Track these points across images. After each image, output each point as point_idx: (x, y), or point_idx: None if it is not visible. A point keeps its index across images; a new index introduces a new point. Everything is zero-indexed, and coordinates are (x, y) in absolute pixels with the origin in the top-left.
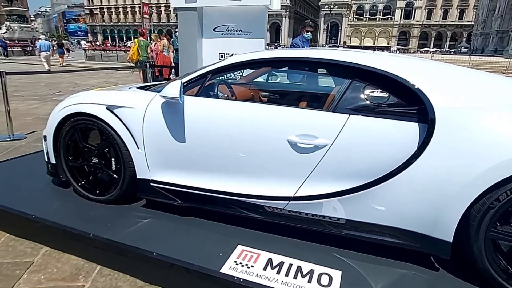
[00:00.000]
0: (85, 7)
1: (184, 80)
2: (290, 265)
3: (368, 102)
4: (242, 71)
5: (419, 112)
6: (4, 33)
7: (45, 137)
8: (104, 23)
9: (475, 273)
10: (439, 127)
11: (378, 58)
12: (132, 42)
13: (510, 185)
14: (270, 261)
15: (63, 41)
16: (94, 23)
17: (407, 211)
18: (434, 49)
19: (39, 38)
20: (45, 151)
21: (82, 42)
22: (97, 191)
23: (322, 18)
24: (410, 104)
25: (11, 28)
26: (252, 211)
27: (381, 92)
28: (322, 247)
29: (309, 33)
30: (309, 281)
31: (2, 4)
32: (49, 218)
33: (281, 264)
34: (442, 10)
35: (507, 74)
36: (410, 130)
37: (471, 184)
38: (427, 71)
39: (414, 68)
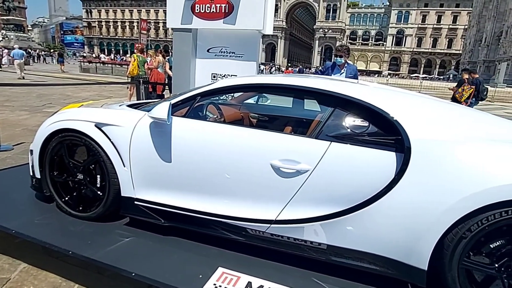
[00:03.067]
0: (84, 20)
1: (173, 101)
2: None
3: (349, 130)
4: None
5: (396, 142)
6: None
7: (31, 151)
8: (101, 36)
9: None
10: (414, 156)
11: (360, 89)
12: (130, 57)
13: (481, 216)
14: (249, 284)
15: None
16: (91, 36)
17: (385, 237)
18: (424, 75)
19: (13, 47)
20: (30, 165)
21: (102, 56)
22: (80, 208)
23: (317, 41)
24: (388, 134)
25: (7, 36)
26: (235, 233)
27: (361, 121)
28: (302, 272)
29: (338, 57)
30: None
31: (0, 13)
32: (29, 233)
33: None
34: (432, 39)
35: (493, 102)
36: (388, 159)
37: (444, 214)
38: (406, 103)
39: (394, 100)
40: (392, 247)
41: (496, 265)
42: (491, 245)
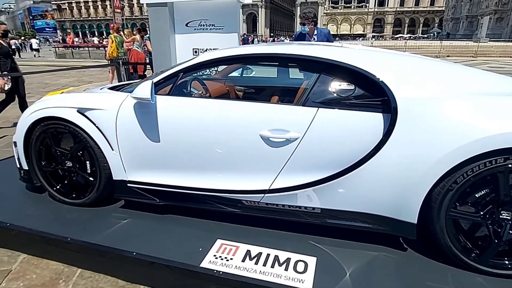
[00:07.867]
0: (53, 2)
1: (155, 80)
2: (268, 255)
3: (335, 95)
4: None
5: (383, 103)
6: None
7: (15, 143)
8: (73, 19)
9: (440, 250)
10: (401, 115)
11: (345, 52)
12: (107, 39)
13: (466, 168)
14: (248, 252)
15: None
16: (63, 19)
17: (376, 196)
18: (408, 35)
19: None
20: (16, 157)
21: (94, 38)
22: (74, 195)
23: (298, 8)
24: (375, 95)
25: None
26: (230, 205)
27: (347, 85)
28: (298, 236)
29: (304, 26)
30: (286, 269)
31: None
32: (25, 224)
33: (259, 254)
34: None
35: (476, 58)
36: (375, 120)
37: (431, 169)
38: (391, 64)
39: (378, 62)
40: (383, 205)
41: (481, 213)
42: (476, 195)
